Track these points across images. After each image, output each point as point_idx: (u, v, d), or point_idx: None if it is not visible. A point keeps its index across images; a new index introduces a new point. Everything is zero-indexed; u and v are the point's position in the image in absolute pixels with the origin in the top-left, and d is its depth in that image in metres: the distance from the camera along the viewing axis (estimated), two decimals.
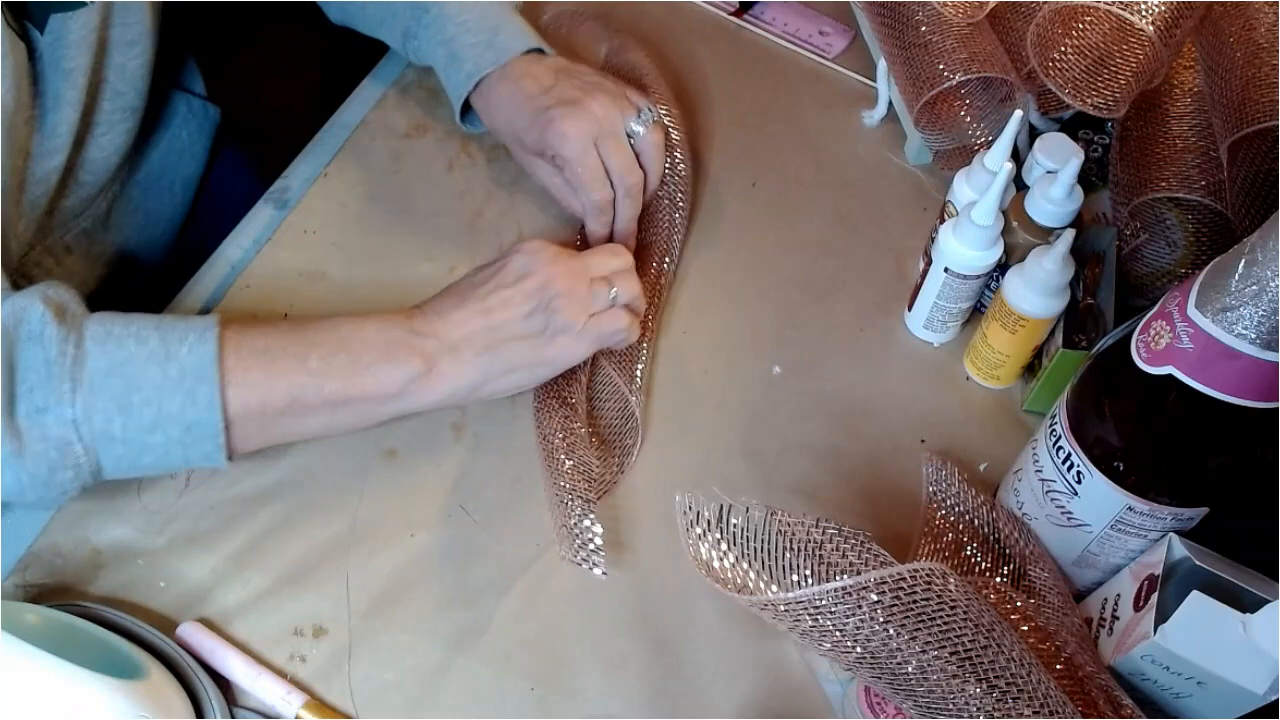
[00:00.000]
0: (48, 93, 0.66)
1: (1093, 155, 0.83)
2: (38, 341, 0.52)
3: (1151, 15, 0.67)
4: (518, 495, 0.66)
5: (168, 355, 0.54)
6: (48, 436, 0.52)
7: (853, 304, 0.78)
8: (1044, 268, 0.65)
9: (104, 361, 0.53)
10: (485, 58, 0.74)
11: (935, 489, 0.66)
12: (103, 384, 0.53)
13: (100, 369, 0.53)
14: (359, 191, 0.80)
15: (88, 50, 0.67)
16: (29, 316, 0.52)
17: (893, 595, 0.45)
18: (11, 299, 0.53)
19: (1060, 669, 0.55)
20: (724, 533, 0.47)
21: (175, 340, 0.55)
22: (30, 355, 0.52)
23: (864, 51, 0.92)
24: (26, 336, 0.52)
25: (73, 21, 0.65)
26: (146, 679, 0.53)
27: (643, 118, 0.73)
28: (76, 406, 0.52)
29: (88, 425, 0.53)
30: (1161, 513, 0.55)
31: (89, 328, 0.54)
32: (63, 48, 0.65)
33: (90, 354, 0.53)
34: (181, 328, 0.55)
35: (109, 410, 0.53)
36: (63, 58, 0.66)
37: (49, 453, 0.52)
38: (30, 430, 0.52)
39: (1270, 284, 0.46)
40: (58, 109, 0.67)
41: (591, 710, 0.60)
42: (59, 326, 0.53)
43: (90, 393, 0.52)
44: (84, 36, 0.66)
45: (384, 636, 0.61)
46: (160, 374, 0.54)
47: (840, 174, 0.85)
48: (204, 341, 0.55)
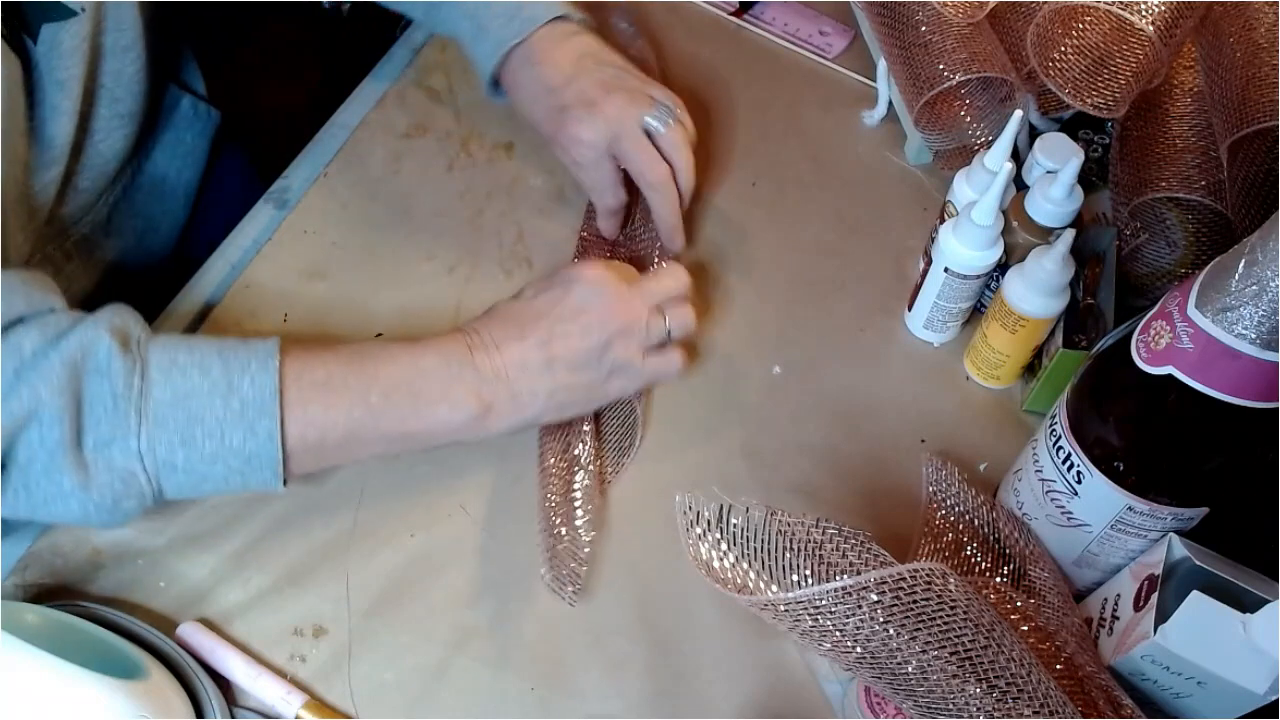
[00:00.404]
0: (44, 103, 0.66)
1: (1093, 155, 0.83)
2: (104, 375, 0.52)
3: (1151, 15, 0.67)
4: (518, 495, 0.66)
5: (230, 388, 0.54)
6: (114, 468, 0.53)
7: (853, 304, 0.78)
8: (1044, 268, 0.65)
9: (168, 393, 0.53)
10: (510, 28, 0.72)
11: (935, 489, 0.66)
12: (167, 416, 0.53)
13: (165, 400, 0.53)
14: (359, 191, 0.80)
15: (81, 59, 0.67)
16: (96, 349, 0.53)
17: (893, 595, 0.45)
18: (79, 330, 0.53)
19: (1060, 669, 0.55)
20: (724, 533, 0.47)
21: (238, 370, 0.55)
22: (97, 388, 0.52)
23: (864, 51, 0.92)
24: (93, 369, 0.52)
25: (64, 31, 0.65)
26: (146, 679, 0.53)
27: (661, 115, 0.71)
28: (141, 439, 0.53)
29: (151, 456, 0.53)
30: (1161, 513, 0.55)
31: (153, 355, 0.54)
32: (56, 57, 0.65)
33: (155, 384, 0.53)
34: (243, 355, 0.55)
35: (172, 442, 0.53)
36: (57, 67, 0.65)
37: (114, 483, 0.53)
38: (97, 462, 0.53)
39: (1270, 284, 0.46)
40: (55, 119, 0.67)
41: (591, 710, 0.60)
42: (124, 358, 0.53)
43: (155, 425, 0.53)
44: (76, 45, 0.66)
45: (384, 636, 0.61)
46: (223, 407, 0.54)
47: (840, 174, 0.85)
48: (265, 372, 0.55)
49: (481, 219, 0.79)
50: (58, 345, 0.52)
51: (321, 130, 0.83)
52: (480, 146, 0.83)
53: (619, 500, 0.67)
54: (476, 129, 0.84)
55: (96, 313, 0.55)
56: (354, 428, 0.57)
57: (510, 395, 0.61)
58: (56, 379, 0.51)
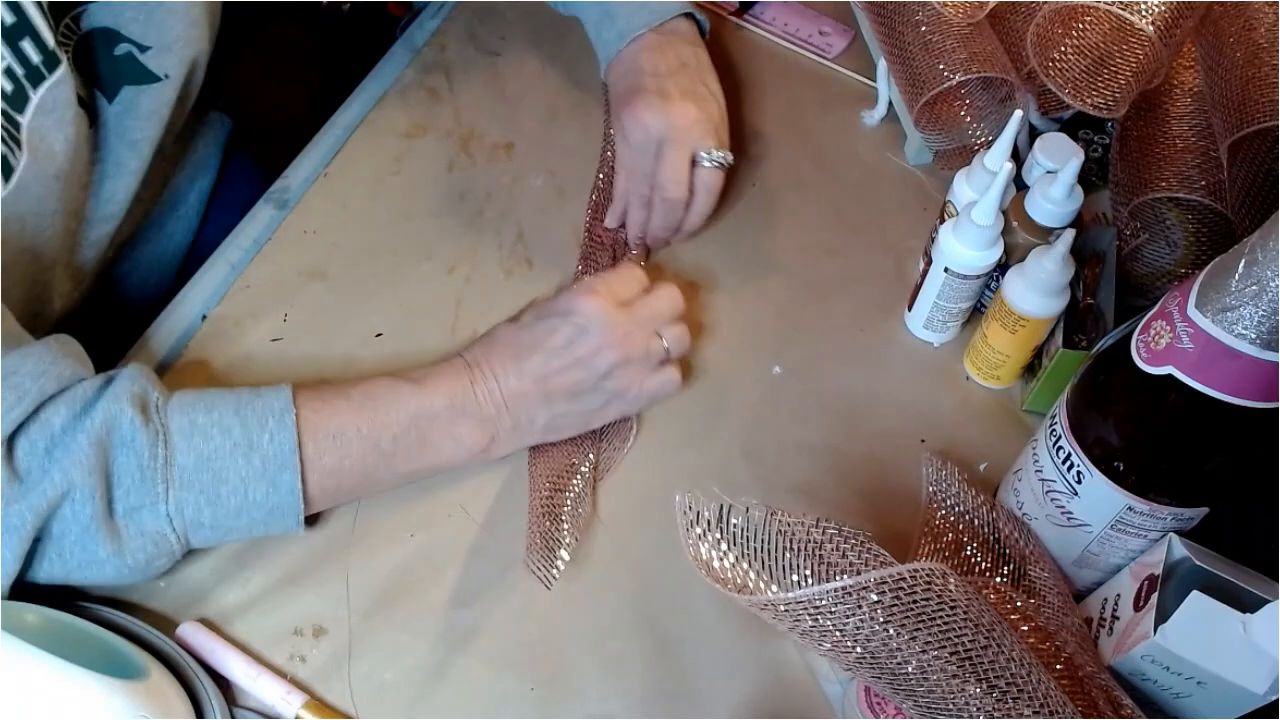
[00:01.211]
0: (108, 159, 0.67)
1: (1093, 155, 0.83)
2: (130, 448, 0.54)
3: (1151, 15, 0.67)
4: (518, 495, 0.66)
5: (251, 446, 0.56)
6: (145, 533, 0.55)
7: (853, 304, 0.78)
8: (1044, 268, 0.65)
9: (192, 457, 0.55)
10: (638, 17, 0.74)
11: (935, 489, 0.66)
12: (193, 479, 0.55)
13: (189, 465, 0.55)
14: (359, 191, 0.80)
15: (158, 122, 0.68)
16: (120, 423, 0.54)
17: (893, 595, 0.45)
18: (102, 403, 0.54)
19: (1060, 669, 0.55)
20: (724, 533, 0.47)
21: (256, 428, 0.57)
22: (124, 461, 0.54)
23: (864, 51, 0.92)
24: (119, 443, 0.54)
25: (145, 95, 0.66)
26: (146, 679, 0.53)
27: (714, 156, 0.73)
28: (170, 503, 0.55)
29: (180, 518, 0.55)
30: (1161, 513, 0.55)
31: (173, 420, 0.56)
32: (132, 119, 0.66)
33: (178, 449, 0.55)
34: (260, 411, 0.57)
35: (199, 503, 0.56)
36: (130, 128, 0.67)
37: (146, 546, 0.55)
38: (128, 528, 0.55)
39: (1270, 284, 0.46)
40: (118, 176, 0.68)
41: (591, 710, 0.60)
42: (146, 430, 0.55)
43: (181, 489, 0.55)
44: (155, 109, 0.67)
45: (384, 636, 0.61)
46: (245, 465, 0.56)
47: (840, 174, 0.85)
48: (283, 428, 0.57)
49: (481, 219, 0.79)
50: (83, 422, 0.53)
51: (321, 130, 0.83)
52: (480, 146, 0.83)
53: (619, 500, 0.67)
54: (476, 129, 0.84)
55: (116, 381, 0.56)
56: (368, 473, 0.60)
57: (511, 426, 0.63)
58: (85, 459, 0.53)
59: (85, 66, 0.63)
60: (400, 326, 0.73)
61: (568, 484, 0.65)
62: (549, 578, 0.60)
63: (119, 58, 0.64)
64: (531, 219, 0.80)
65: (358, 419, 0.60)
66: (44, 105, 0.58)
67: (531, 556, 0.61)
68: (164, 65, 0.66)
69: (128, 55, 0.64)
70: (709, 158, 0.72)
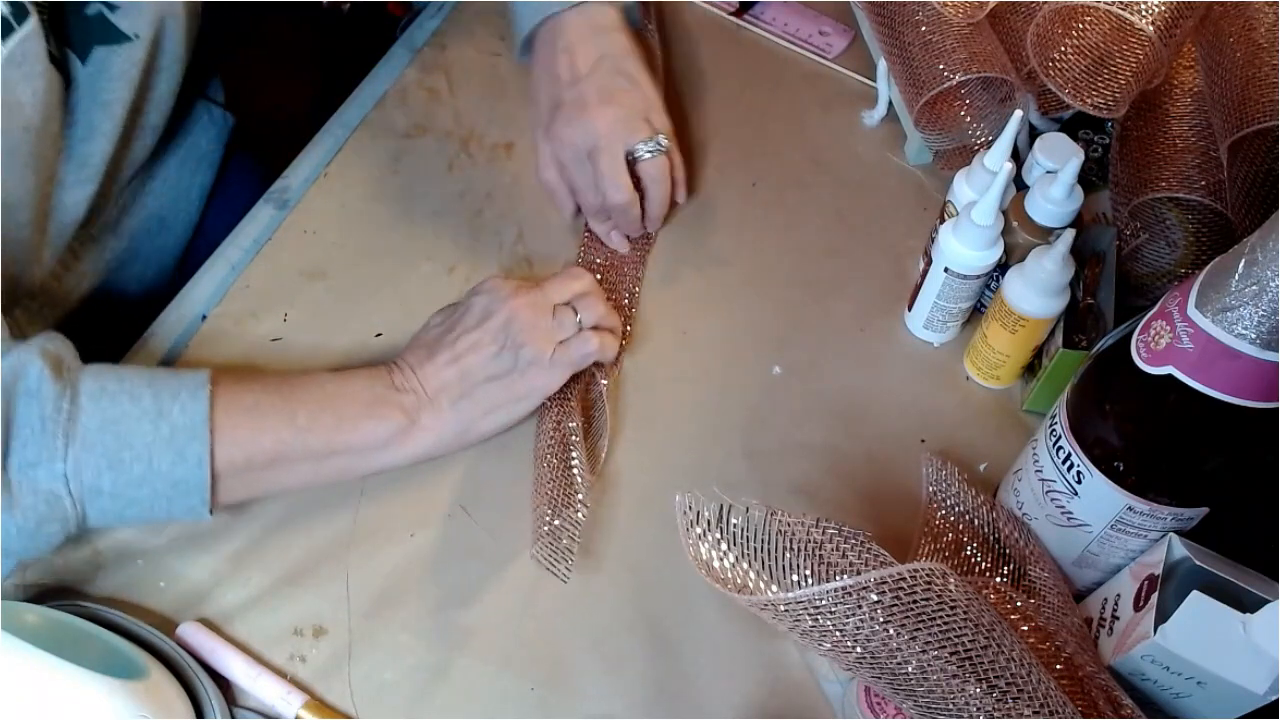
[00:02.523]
0: (82, 122, 0.67)
1: (1093, 155, 0.83)
2: (34, 397, 0.53)
3: (1151, 15, 0.67)
4: (518, 495, 0.66)
5: (160, 413, 0.55)
6: (38, 490, 0.53)
7: (853, 304, 0.78)
8: (1044, 268, 0.65)
9: (97, 418, 0.54)
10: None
11: (935, 489, 0.66)
12: (95, 440, 0.54)
13: (93, 425, 0.54)
14: (359, 191, 0.80)
15: (129, 84, 0.67)
16: (27, 372, 0.53)
17: (893, 595, 0.45)
18: (12, 354, 0.53)
19: (1060, 669, 0.55)
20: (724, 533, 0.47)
21: (168, 398, 0.56)
22: (26, 411, 0.53)
23: (864, 51, 0.92)
24: (24, 392, 0.53)
25: (116, 55, 0.65)
26: (146, 679, 0.53)
27: (648, 146, 0.72)
28: (68, 461, 0.53)
29: (77, 480, 0.53)
30: (1161, 513, 0.55)
31: (84, 383, 0.55)
32: (104, 80, 0.66)
33: (84, 410, 0.54)
34: (174, 385, 0.56)
35: (99, 466, 0.54)
36: (103, 89, 0.66)
37: (38, 506, 0.53)
38: (21, 484, 0.53)
39: (1270, 284, 0.46)
40: (91, 139, 0.67)
41: (591, 710, 0.60)
42: (55, 383, 0.53)
43: (82, 449, 0.53)
44: (125, 70, 0.67)
45: (384, 636, 0.61)
46: (152, 431, 0.55)
47: (840, 174, 0.85)
48: (196, 400, 0.56)
49: (481, 219, 0.79)
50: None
51: (321, 130, 0.83)
52: (480, 146, 0.83)
53: (619, 499, 0.67)
54: (476, 129, 0.84)
55: (32, 339, 0.55)
56: (281, 449, 0.59)
57: (433, 411, 0.63)
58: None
59: (58, 26, 0.62)
60: (400, 326, 0.73)
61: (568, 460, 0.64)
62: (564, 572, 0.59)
63: (90, 18, 0.63)
64: (531, 219, 0.80)
65: (274, 395, 0.59)
66: (13, 58, 0.58)
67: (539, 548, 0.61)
68: (134, 25, 0.66)
69: (98, 15, 0.64)
70: (645, 149, 0.72)
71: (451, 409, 0.63)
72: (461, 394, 0.63)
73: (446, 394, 0.63)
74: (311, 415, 0.60)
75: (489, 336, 0.63)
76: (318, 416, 0.60)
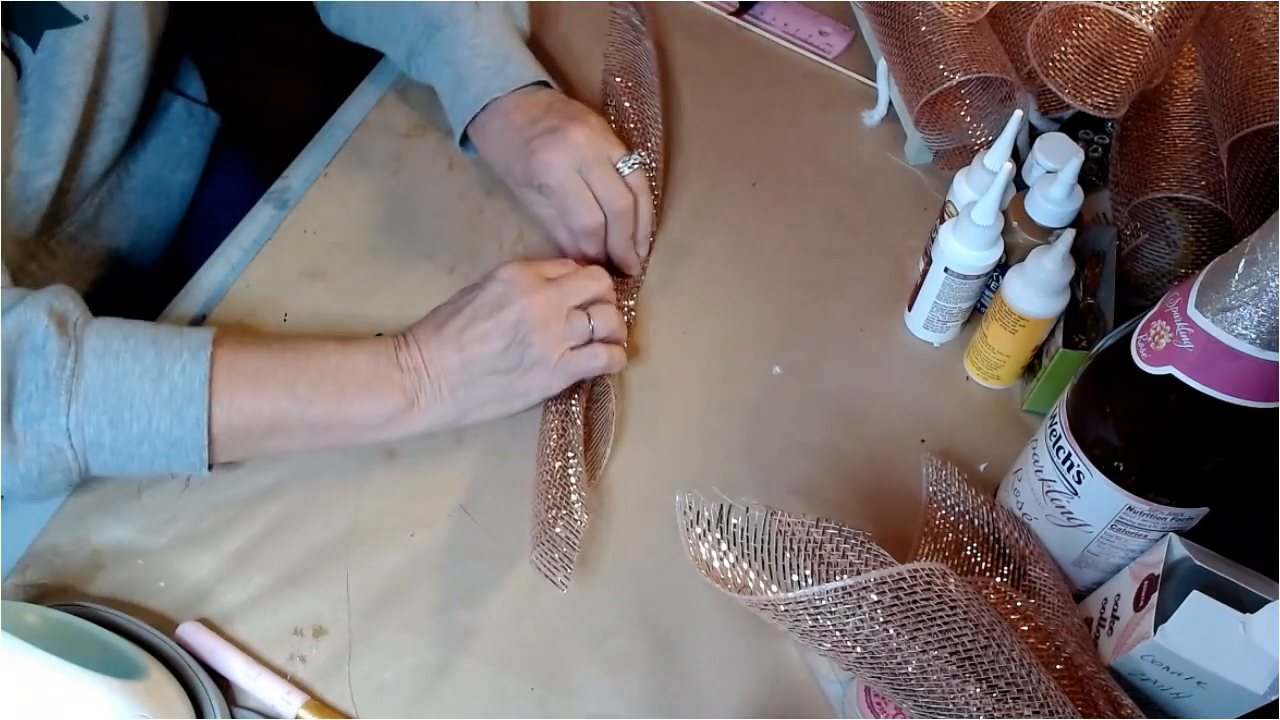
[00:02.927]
0: (39, 110, 0.66)
1: (1093, 155, 0.83)
2: (39, 354, 0.54)
3: (1151, 15, 0.67)
4: (518, 495, 0.66)
5: (161, 373, 0.56)
6: (41, 442, 0.55)
7: (853, 304, 0.78)
8: (1044, 268, 0.65)
9: (100, 375, 0.55)
10: (493, 83, 0.74)
11: (935, 489, 0.66)
12: (97, 397, 0.55)
13: (96, 383, 0.55)
14: (359, 191, 0.80)
15: (83, 67, 0.67)
16: (33, 329, 0.54)
17: (893, 595, 0.45)
18: (17, 310, 0.55)
19: (1060, 669, 0.55)
20: (724, 533, 0.47)
21: (170, 358, 0.56)
22: (31, 366, 0.54)
23: (864, 51, 0.92)
24: (30, 348, 0.54)
25: (67, 38, 0.65)
26: (146, 679, 0.53)
27: (630, 161, 0.73)
28: (70, 417, 0.55)
29: (79, 434, 0.55)
30: (1161, 513, 0.55)
31: (89, 340, 0.56)
32: (57, 64, 0.65)
33: (88, 367, 0.55)
34: (177, 344, 0.57)
35: (100, 423, 0.55)
36: (56, 74, 0.66)
37: (41, 458, 0.55)
38: (25, 435, 0.54)
39: (1270, 284, 0.46)
40: (49, 126, 0.67)
41: (591, 710, 0.60)
42: (60, 339, 0.55)
43: (84, 405, 0.55)
44: (79, 53, 0.66)
45: (384, 636, 0.61)
46: (152, 391, 0.56)
47: (840, 174, 0.85)
48: (196, 362, 0.57)
49: (481, 219, 0.79)
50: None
51: (321, 130, 0.83)
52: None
53: (619, 500, 0.67)
54: None
55: (39, 292, 0.56)
56: (279, 417, 0.59)
57: (432, 392, 0.63)
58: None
59: (5, 14, 0.62)
60: (400, 326, 0.72)
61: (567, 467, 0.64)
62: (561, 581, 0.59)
63: (38, 3, 0.63)
64: (531, 219, 0.80)
65: (275, 363, 0.60)
66: None
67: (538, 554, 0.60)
68: (84, 7, 0.65)
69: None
70: (626, 164, 0.72)
71: (450, 395, 0.63)
72: (462, 382, 0.63)
73: (447, 380, 0.63)
74: (312, 387, 0.60)
75: (499, 330, 0.63)
76: (319, 389, 0.60)
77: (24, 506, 0.63)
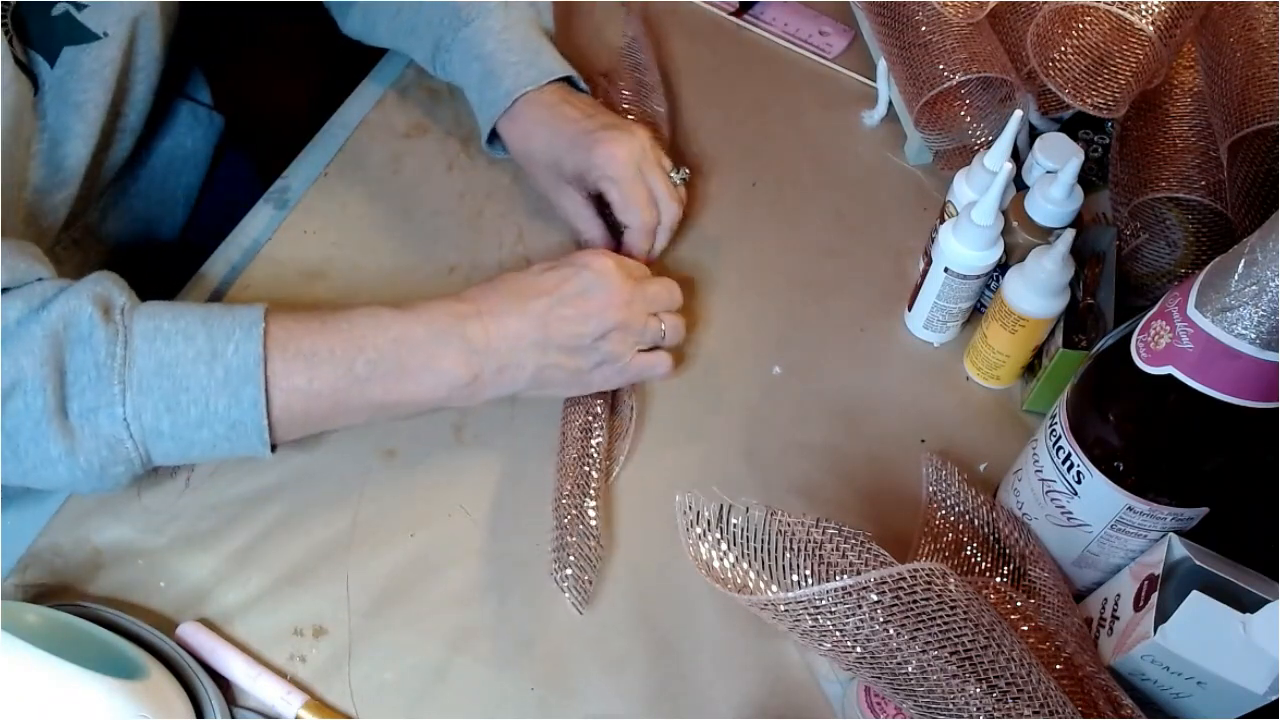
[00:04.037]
0: (54, 126, 0.66)
1: (1093, 155, 0.83)
2: (86, 344, 0.53)
3: (1151, 15, 0.67)
4: (518, 495, 0.66)
5: (214, 354, 0.55)
6: (100, 435, 0.54)
7: (853, 304, 0.78)
8: (1044, 268, 0.65)
9: (152, 360, 0.54)
10: (526, 76, 0.73)
11: (935, 489, 0.66)
12: (151, 384, 0.54)
13: (149, 368, 0.54)
14: (359, 191, 0.80)
15: (101, 84, 0.67)
16: (78, 319, 0.53)
17: (893, 595, 0.45)
18: (61, 299, 0.54)
19: (1060, 669, 0.55)
20: (724, 533, 0.47)
21: (222, 338, 0.55)
22: (80, 358, 0.53)
23: (864, 51, 0.92)
24: (76, 339, 0.53)
25: (86, 54, 0.65)
26: (146, 679, 0.53)
27: (680, 172, 0.74)
28: (126, 406, 0.54)
29: (138, 423, 0.54)
30: (1161, 513, 0.55)
31: (137, 323, 0.55)
32: (74, 80, 0.65)
33: (139, 352, 0.54)
34: (228, 323, 0.56)
35: (158, 409, 0.54)
36: (74, 90, 0.65)
37: (101, 450, 0.54)
38: (83, 429, 0.53)
39: (1270, 284, 0.46)
40: (66, 142, 0.67)
41: (591, 710, 0.60)
42: (106, 327, 0.54)
43: (139, 393, 0.54)
44: (97, 70, 0.66)
45: (384, 636, 0.61)
46: (207, 374, 0.55)
47: (840, 174, 0.85)
48: (250, 340, 0.55)
49: (481, 219, 0.79)
50: (40, 315, 0.53)
51: (321, 130, 0.83)
52: (480, 146, 0.83)
53: (619, 500, 0.67)
54: (476, 129, 0.84)
55: (81, 281, 0.55)
56: (339, 398, 0.58)
57: (498, 367, 0.61)
58: (39, 349, 0.52)
59: (21, 29, 0.61)
60: None
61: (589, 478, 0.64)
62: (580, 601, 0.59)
63: (56, 18, 0.62)
64: (531, 219, 0.80)
65: (332, 340, 0.58)
66: None
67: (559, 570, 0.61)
68: (103, 22, 0.65)
69: (64, 14, 0.63)
70: (678, 175, 0.74)
71: (515, 370, 0.62)
72: (530, 360, 0.62)
73: (517, 355, 0.61)
74: (371, 363, 0.58)
75: (582, 320, 0.62)
76: (378, 365, 0.58)
77: (24, 507, 0.63)
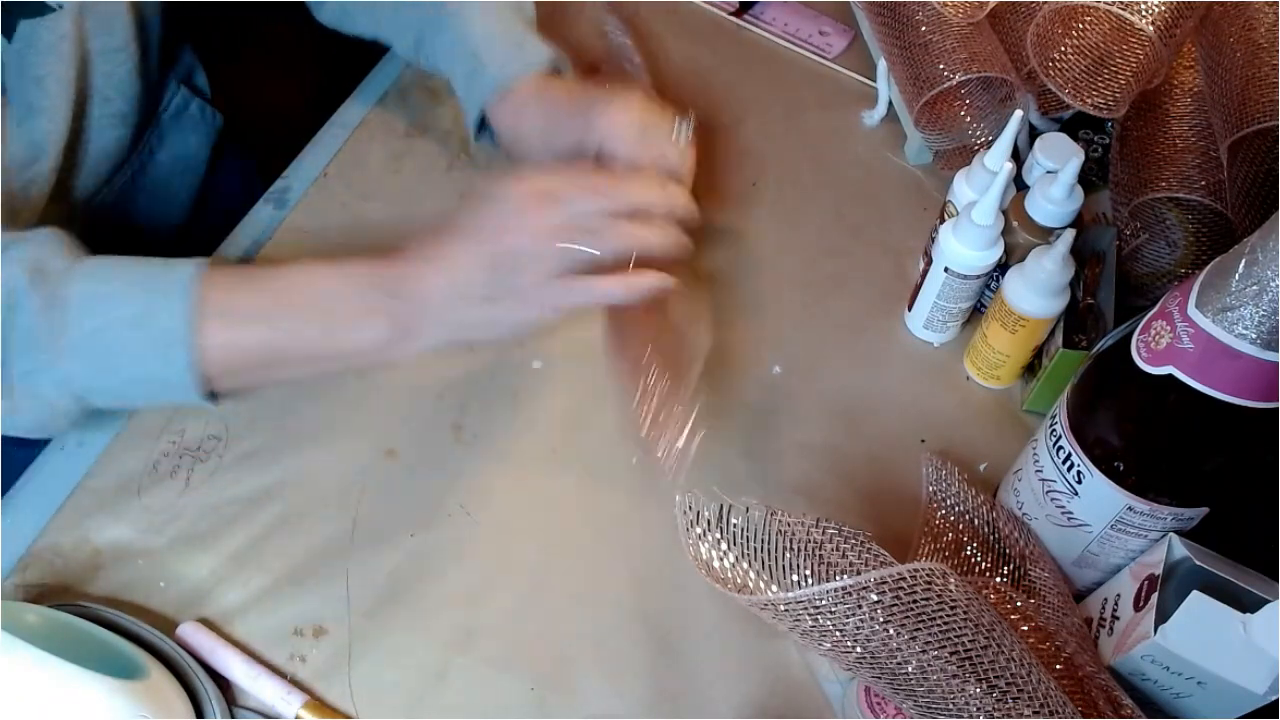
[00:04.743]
0: (17, 101, 0.66)
1: (1093, 155, 0.83)
2: (20, 310, 0.54)
3: (1151, 15, 0.67)
4: (518, 495, 0.66)
5: (146, 316, 0.56)
6: (38, 395, 0.56)
7: (853, 304, 0.78)
8: (1044, 268, 0.65)
9: (86, 326, 0.55)
10: (513, 64, 0.73)
11: (935, 489, 0.66)
12: (84, 349, 0.55)
13: (83, 332, 0.55)
14: (359, 191, 0.80)
15: (62, 58, 0.66)
16: (15, 285, 0.55)
17: (893, 595, 0.45)
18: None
19: (1060, 669, 0.55)
20: (724, 533, 0.47)
21: (158, 297, 0.56)
22: (19, 322, 0.54)
23: (864, 51, 0.92)
24: (10, 306, 0.55)
25: (41, 27, 0.65)
26: (146, 679, 0.53)
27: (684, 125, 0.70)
28: (60, 369, 0.55)
29: (74, 384, 0.56)
30: (1161, 513, 0.55)
31: (75, 285, 0.56)
32: (33, 54, 0.65)
33: (71, 320, 0.55)
34: (164, 284, 0.57)
35: (91, 372, 0.56)
36: (33, 64, 0.65)
37: (40, 409, 0.56)
38: (22, 388, 0.55)
39: (1270, 284, 0.46)
40: (31, 117, 0.67)
41: (591, 710, 0.60)
42: (37, 294, 0.55)
43: (72, 359, 0.55)
44: (55, 43, 0.66)
45: (384, 636, 0.61)
46: (137, 338, 0.56)
47: (840, 174, 0.85)
48: (182, 300, 0.56)
49: None
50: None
51: (321, 130, 0.83)
52: (481, 146, 0.83)
53: (619, 499, 0.67)
54: None
55: (22, 242, 0.56)
56: (268, 354, 0.59)
57: (420, 318, 0.59)
58: None
59: None
60: None
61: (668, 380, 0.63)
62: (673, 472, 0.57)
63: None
64: None
65: (260, 298, 0.59)
66: None
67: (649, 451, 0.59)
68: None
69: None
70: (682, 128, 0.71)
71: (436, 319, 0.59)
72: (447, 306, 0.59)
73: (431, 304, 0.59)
74: (300, 321, 0.59)
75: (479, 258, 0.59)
76: (307, 322, 0.59)
77: (24, 507, 0.63)
